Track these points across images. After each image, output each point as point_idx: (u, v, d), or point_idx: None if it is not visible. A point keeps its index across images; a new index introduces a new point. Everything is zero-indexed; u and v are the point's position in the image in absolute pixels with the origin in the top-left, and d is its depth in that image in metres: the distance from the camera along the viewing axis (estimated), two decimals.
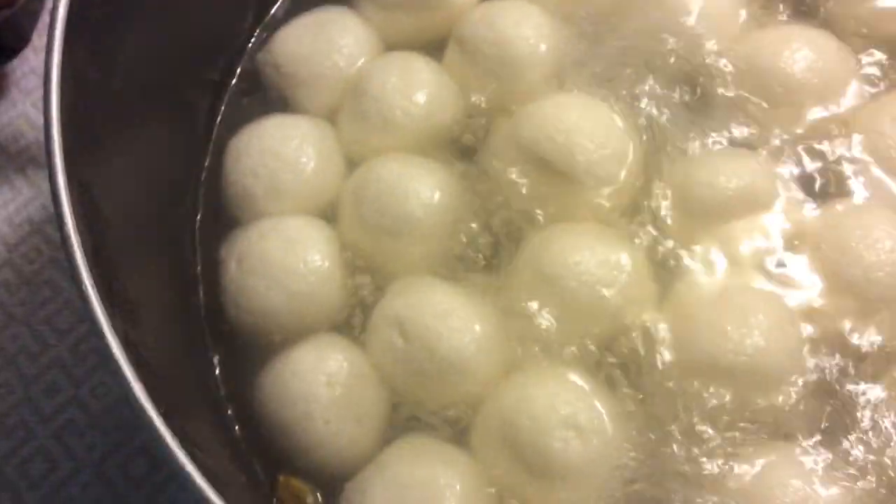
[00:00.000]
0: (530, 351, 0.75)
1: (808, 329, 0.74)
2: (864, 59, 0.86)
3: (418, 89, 0.85)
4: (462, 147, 0.85)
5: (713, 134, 0.83)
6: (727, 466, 0.68)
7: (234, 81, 0.91)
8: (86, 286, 0.51)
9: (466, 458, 0.71)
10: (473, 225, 0.81)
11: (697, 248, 0.77)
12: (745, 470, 0.68)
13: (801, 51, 0.83)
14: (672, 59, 0.87)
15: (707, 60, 0.86)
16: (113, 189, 0.63)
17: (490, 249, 0.80)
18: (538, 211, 0.81)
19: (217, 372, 0.78)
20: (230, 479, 0.61)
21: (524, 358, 0.75)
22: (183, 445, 0.49)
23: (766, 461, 0.67)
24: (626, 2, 0.90)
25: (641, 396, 0.72)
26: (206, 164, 0.87)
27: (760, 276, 0.75)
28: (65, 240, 0.52)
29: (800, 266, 0.76)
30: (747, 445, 0.69)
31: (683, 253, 0.77)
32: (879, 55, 0.86)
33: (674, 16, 0.88)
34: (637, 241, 0.78)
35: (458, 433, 0.73)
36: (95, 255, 0.54)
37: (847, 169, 0.81)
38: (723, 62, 0.86)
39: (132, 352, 0.52)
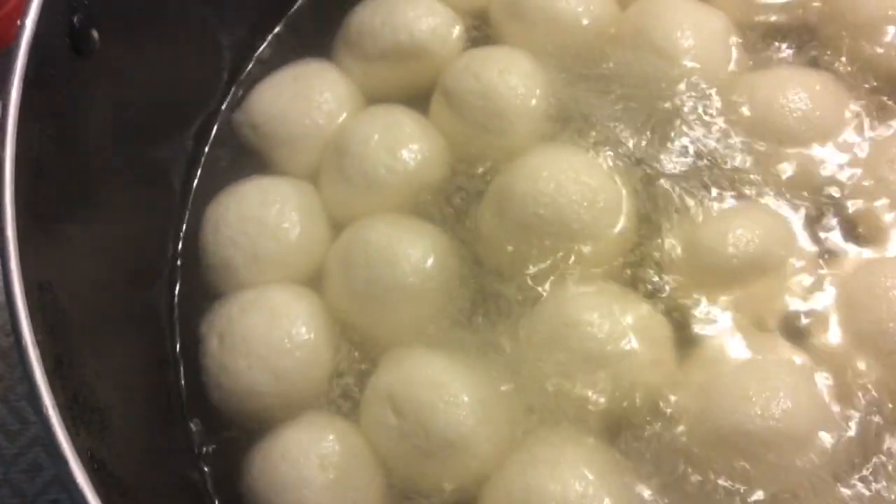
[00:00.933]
0: (537, 420, 0.71)
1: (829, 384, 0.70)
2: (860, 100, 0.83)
3: (403, 145, 0.81)
4: (453, 205, 0.81)
5: (716, 190, 0.79)
6: None
7: (209, 144, 0.87)
8: (46, 410, 0.46)
9: None
10: (468, 288, 0.77)
11: (707, 310, 0.73)
12: None
13: (798, 94, 0.80)
14: (668, 105, 0.83)
15: (702, 107, 0.83)
16: (78, 281, 0.59)
17: (490, 310, 0.75)
18: (531, 269, 0.76)
19: (200, 459, 0.73)
20: None
21: (531, 429, 0.71)
22: None
23: None
24: (617, 43, 0.87)
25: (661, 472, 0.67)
26: (183, 232, 0.83)
27: (778, 337, 0.71)
28: (23, 357, 0.47)
29: (818, 322, 0.72)
30: None
31: (695, 315, 0.73)
32: (877, 96, 0.83)
33: (666, 60, 0.84)
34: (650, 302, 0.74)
35: None
36: (58, 365, 0.50)
37: (853, 215, 0.77)
38: (719, 108, 0.82)
39: (97, 472, 0.47)
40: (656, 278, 0.75)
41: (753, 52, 0.87)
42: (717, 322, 0.73)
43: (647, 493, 0.66)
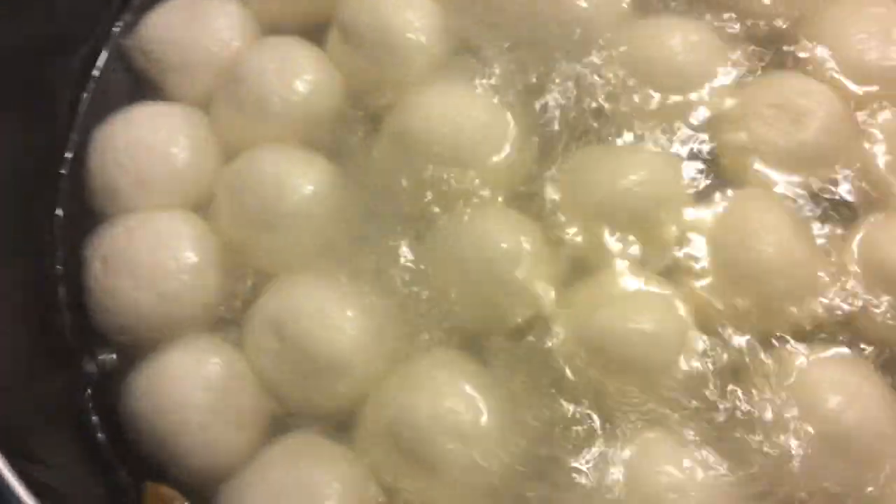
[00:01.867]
0: (420, 340, 0.73)
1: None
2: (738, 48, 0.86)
3: (298, 76, 0.81)
4: (346, 138, 0.82)
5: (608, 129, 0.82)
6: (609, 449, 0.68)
7: (99, 69, 0.85)
8: None
9: (349, 456, 0.68)
10: (360, 216, 0.78)
11: (593, 241, 0.76)
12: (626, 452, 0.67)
13: (678, 41, 0.83)
14: (560, 47, 0.85)
15: (595, 53, 0.85)
16: None
17: (379, 239, 0.77)
18: (426, 197, 0.78)
19: (82, 380, 0.73)
20: (79, 491, 0.56)
21: (411, 352, 0.72)
22: (11, 462, 0.44)
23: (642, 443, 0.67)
24: None
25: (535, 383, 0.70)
26: (71, 155, 0.81)
27: (655, 271, 0.75)
28: None
29: (695, 257, 0.76)
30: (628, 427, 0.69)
31: (579, 245, 0.76)
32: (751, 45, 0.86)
33: (560, 3, 0.86)
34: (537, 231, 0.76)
35: (342, 431, 0.70)
36: None
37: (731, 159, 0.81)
38: (606, 52, 0.85)
39: None
40: (549, 209, 0.78)
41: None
42: (602, 254, 0.76)
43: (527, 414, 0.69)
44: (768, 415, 0.69)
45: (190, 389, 0.69)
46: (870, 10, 0.84)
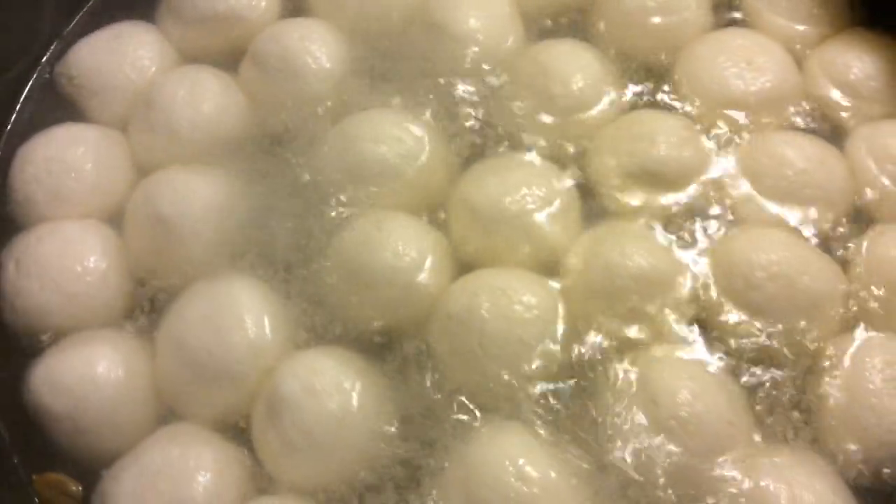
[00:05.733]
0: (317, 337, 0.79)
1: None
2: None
3: (205, 101, 0.89)
4: (251, 156, 0.89)
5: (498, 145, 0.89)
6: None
7: (27, 92, 0.94)
8: None
9: (224, 442, 0.74)
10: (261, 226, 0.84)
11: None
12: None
13: (565, 66, 0.90)
14: (459, 74, 0.92)
15: (488, 76, 0.92)
16: None
17: (289, 244, 0.83)
18: (342, 198, 0.84)
19: None
20: None
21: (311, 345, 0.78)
22: None
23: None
24: (414, 26, 0.96)
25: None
26: None
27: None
28: None
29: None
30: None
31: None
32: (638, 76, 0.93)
33: (455, 38, 0.93)
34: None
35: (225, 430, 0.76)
36: None
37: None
38: (498, 77, 0.92)
39: None
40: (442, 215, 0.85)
41: (535, 29, 0.97)
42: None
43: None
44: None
45: (82, 380, 0.75)
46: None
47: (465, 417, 0.74)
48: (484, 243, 0.81)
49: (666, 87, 0.91)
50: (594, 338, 0.76)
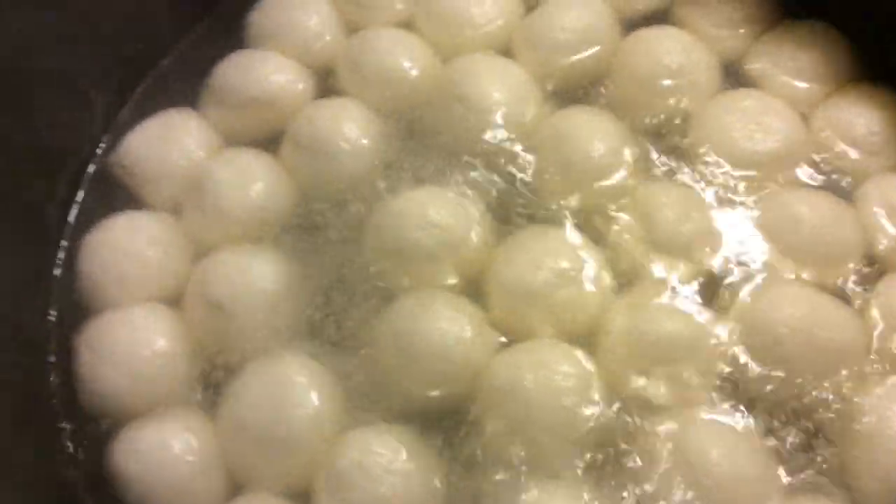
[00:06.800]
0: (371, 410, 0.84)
1: None
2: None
3: (252, 183, 0.96)
4: (301, 234, 0.95)
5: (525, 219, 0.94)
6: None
7: (85, 184, 1.00)
8: None
9: None
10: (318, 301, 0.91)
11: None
12: None
13: (585, 135, 0.96)
14: (485, 143, 0.98)
15: (511, 147, 0.98)
16: None
17: (339, 321, 0.89)
18: (381, 284, 0.91)
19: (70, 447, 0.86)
20: None
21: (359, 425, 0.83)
22: None
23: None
24: (440, 101, 1.02)
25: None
26: (61, 260, 0.96)
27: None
28: None
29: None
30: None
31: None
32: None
33: (481, 113, 0.99)
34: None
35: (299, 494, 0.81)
36: None
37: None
38: (522, 148, 0.98)
39: None
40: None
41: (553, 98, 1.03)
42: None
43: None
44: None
45: (161, 457, 0.82)
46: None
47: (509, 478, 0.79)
48: (519, 318, 0.86)
49: (679, 151, 0.96)
50: (629, 402, 0.81)
